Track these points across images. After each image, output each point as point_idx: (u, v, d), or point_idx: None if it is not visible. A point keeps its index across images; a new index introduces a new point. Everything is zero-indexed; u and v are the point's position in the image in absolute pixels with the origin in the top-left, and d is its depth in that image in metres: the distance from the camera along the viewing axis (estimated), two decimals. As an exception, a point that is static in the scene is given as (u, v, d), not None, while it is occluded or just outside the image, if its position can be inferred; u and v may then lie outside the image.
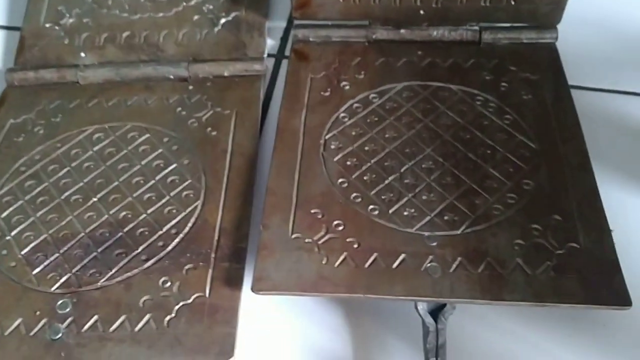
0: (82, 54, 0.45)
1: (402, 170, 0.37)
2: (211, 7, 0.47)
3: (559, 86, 0.40)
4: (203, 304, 0.33)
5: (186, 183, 0.38)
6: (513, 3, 0.42)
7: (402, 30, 0.44)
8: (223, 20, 0.46)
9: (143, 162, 0.39)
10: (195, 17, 0.46)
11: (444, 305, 0.32)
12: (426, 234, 0.34)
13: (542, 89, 0.40)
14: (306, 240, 0.34)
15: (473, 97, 0.40)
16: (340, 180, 0.36)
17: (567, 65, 0.42)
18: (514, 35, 0.43)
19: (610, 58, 0.44)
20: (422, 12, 0.43)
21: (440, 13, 0.43)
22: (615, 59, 0.44)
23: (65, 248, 0.36)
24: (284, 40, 0.46)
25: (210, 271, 0.34)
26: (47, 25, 0.47)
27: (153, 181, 0.38)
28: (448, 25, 0.44)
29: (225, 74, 0.44)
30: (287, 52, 0.46)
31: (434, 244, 0.33)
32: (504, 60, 0.42)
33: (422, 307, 0.32)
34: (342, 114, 0.40)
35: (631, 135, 0.41)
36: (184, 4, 0.47)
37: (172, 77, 0.44)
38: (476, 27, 0.43)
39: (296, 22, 0.45)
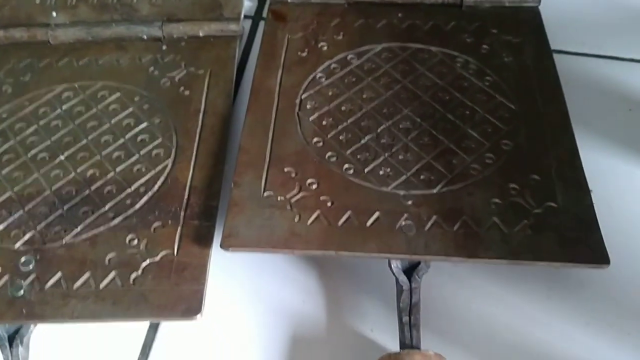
0: (54, 13, 0.44)
1: (378, 130, 0.36)
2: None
3: (540, 49, 0.40)
4: (171, 262, 0.32)
5: (157, 142, 0.37)
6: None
7: (383, -8, 0.43)
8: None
9: (112, 121, 0.38)
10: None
11: (419, 263, 0.31)
12: (401, 192, 0.33)
13: (523, 52, 0.40)
14: (278, 198, 0.33)
15: (453, 59, 0.39)
16: (315, 139, 0.36)
17: (550, 29, 0.41)
18: (487, -2, 0.42)
19: (594, 22, 0.43)
20: (404, -30, 0.42)
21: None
22: (599, 24, 0.43)
23: (30, 206, 0.34)
24: (261, 1, 0.45)
25: (179, 229, 0.33)
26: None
27: (122, 140, 0.37)
28: (430, -12, 0.42)
29: (200, 34, 0.43)
30: (264, 14, 0.44)
31: (409, 202, 0.33)
32: (486, 23, 0.41)
33: (396, 265, 0.31)
34: (319, 74, 0.39)
35: (613, 99, 0.40)
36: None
37: (145, 37, 0.43)
38: (459, -8, 0.42)
39: (275, -19, 0.44)
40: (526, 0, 0.42)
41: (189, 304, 0.30)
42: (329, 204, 0.33)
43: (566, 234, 0.31)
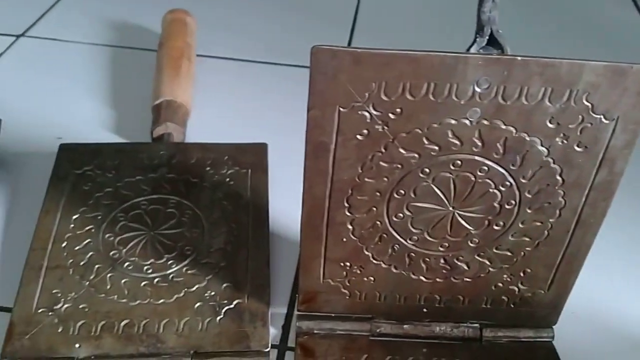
0: (77, 345, 0.44)
1: None
2: (213, 293, 0.47)
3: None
4: None
5: None
6: (512, 306, 0.44)
7: (406, 326, 0.45)
8: (225, 308, 0.46)
9: None
10: (197, 305, 0.46)
11: None
12: None
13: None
14: None
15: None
16: None
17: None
18: (513, 333, 0.45)
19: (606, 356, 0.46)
20: (425, 310, 0.44)
21: (442, 311, 0.44)
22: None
23: None
24: (285, 329, 0.46)
25: None
26: (40, 310, 0.45)
27: None
28: (450, 322, 0.45)
29: (230, 371, 0.43)
30: (290, 343, 0.45)
31: None
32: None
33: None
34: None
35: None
36: (185, 289, 0.47)
37: (174, 374, 0.43)
38: (477, 325, 0.45)
39: (299, 312, 0.45)
40: (541, 336, 0.45)
41: None
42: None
43: None
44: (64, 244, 0.49)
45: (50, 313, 0.45)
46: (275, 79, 0.70)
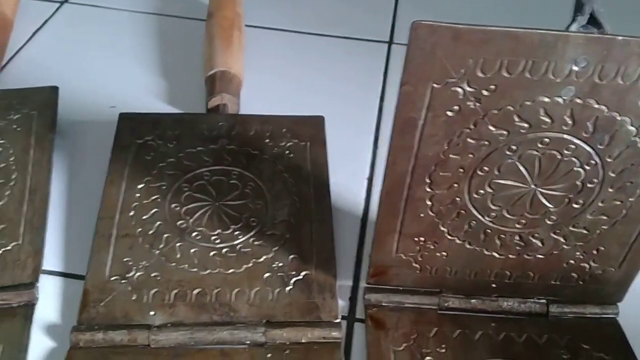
0: (152, 312, 0.44)
1: None
2: (280, 264, 0.47)
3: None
4: None
5: None
6: (581, 283, 0.44)
7: (473, 300, 0.46)
8: (294, 280, 0.46)
9: None
10: (266, 275, 0.46)
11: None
12: None
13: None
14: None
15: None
16: None
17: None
18: (579, 310, 0.46)
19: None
20: (494, 285, 0.45)
21: (511, 287, 0.45)
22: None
23: None
24: (352, 301, 0.47)
25: None
26: (113, 278, 0.46)
27: None
28: (517, 298, 0.45)
29: (303, 340, 0.44)
30: (357, 314, 0.46)
31: None
32: (575, 337, 0.44)
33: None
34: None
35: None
36: (254, 260, 0.47)
37: (248, 342, 0.43)
38: (544, 300, 0.45)
39: (368, 285, 0.46)
40: (606, 312, 0.46)
41: None
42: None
43: None
44: (131, 213, 0.49)
45: (123, 281, 0.45)
46: (321, 50, 0.70)
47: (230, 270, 0.46)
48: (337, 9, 0.76)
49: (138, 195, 0.50)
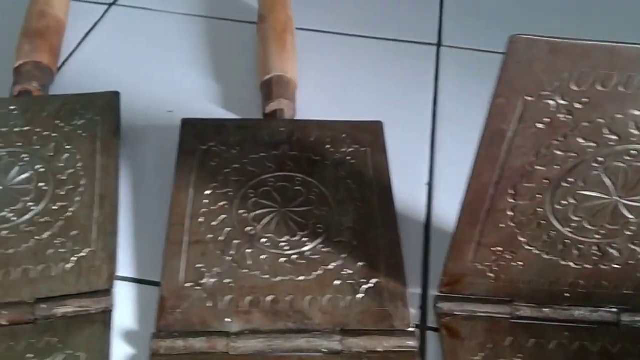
0: (228, 319, 0.45)
1: None
2: (350, 271, 0.47)
3: None
4: None
5: None
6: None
7: (545, 309, 0.46)
8: (364, 287, 0.47)
9: None
10: (336, 283, 0.47)
11: None
12: None
13: None
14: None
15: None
16: None
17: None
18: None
19: None
20: (567, 295, 0.45)
21: (584, 296, 0.45)
22: None
23: None
24: (423, 309, 0.47)
25: None
26: (188, 285, 0.46)
27: None
28: (589, 307, 0.46)
29: (379, 349, 0.44)
30: (429, 323, 0.46)
31: None
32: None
33: None
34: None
35: None
36: (323, 267, 0.48)
37: (325, 350, 0.44)
38: (615, 309, 0.46)
39: (439, 294, 0.46)
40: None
41: None
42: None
43: None
44: (201, 220, 0.49)
45: (197, 287, 0.46)
46: (368, 53, 0.70)
47: (301, 277, 0.47)
48: (382, 10, 0.75)
49: (206, 201, 0.50)
